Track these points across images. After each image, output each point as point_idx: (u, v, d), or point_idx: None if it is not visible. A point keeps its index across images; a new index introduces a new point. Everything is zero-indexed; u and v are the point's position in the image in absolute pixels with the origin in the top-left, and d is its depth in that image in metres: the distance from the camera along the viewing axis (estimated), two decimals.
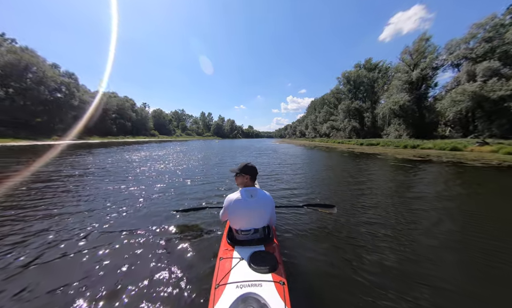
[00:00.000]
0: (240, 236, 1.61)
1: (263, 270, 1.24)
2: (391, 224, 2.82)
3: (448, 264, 1.97)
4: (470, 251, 2.21)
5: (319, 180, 5.84)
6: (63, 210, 3.29)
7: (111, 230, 2.63)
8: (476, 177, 6.36)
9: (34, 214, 3.10)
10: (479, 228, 2.73)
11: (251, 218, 1.57)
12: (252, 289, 1.12)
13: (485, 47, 19.32)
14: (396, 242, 2.32)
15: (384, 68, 39.15)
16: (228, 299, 1.08)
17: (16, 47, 32.26)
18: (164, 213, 3.16)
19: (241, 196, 1.57)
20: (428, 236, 2.49)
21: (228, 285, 1.17)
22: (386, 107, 28.53)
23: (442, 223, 2.88)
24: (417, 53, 25.91)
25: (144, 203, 3.70)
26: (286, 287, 1.15)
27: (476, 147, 15.04)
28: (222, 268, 1.33)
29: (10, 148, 15.55)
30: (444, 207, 3.56)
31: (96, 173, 6.37)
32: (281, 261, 1.42)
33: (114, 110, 50.96)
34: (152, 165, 8.26)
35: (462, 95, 18.92)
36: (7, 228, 2.65)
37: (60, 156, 10.61)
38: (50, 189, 4.46)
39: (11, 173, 6.07)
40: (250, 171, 1.65)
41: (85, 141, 30.34)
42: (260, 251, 1.42)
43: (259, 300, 1.06)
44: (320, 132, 56.84)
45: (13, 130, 25.22)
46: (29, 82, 30.44)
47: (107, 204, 3.57)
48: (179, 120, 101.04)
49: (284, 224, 2.74)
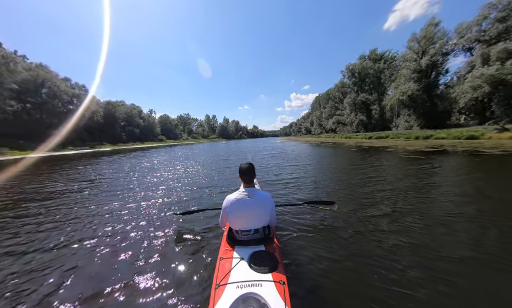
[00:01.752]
0: (240, 236, 1.61)
1: (263, 270, 1.24)
2: (396, 221, 2.67)
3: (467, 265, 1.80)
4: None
5: (324, 178, 5.71)
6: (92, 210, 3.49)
7: (112, 232, 2.75)
8: (496, 166, 6.02)
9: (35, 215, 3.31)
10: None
11: (250, 218, 1.56)
12: (252, 289, 1.12)
13: (499, 28, 18.20)
14: (401, 241, 2.21)
15: (390, 58, 37.85)
16: (228, 299, 1.08)
17: (31, 64, 34.20)
18: (165, 216, 3.24)
19: (239, 197, 1.55)
20: (438, 238, 2.25)
21: (228, 285, 1.17)
22: (394, 98, 27.57)
23: (460, 222, 2.59)
24: (425, 39, 24.86)
25: (147, 205, 3.83)
26: (286, 287, 1.14)
27: (494, 134, 14.23)
28: (222, 268, 1.33)
29: (33, 160, 16.47)
30: (460, 201, 3.27)
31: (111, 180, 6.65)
32: (282, 261, 1.41)
33: (123, 118, 52.71)
34: (167, 169, 8.50)
35: (480, 79, 17.91)
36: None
37: (83, 164, 11.15)
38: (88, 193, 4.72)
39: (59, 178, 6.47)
40: (245, 172, 1.62)
41: (98, 149, 31.59)
42: (260, 251, 1.41)
43: (259, 300, 1.06)
44: (326, 128, 55.88)
45: (30, 143, 26.74)
46: (44, 96, 32.17)
47: (114, 208, 3.73)
48: (185, 124, 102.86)
49: (285, 223, 2.73)
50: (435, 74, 25.32)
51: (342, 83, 46.70)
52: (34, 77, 30.49)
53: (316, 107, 73.26)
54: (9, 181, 6.99)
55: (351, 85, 42.73)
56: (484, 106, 20.29)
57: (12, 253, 2.34)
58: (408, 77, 26.04)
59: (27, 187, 5.89)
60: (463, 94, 19.94)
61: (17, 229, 2.98)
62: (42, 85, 32.03)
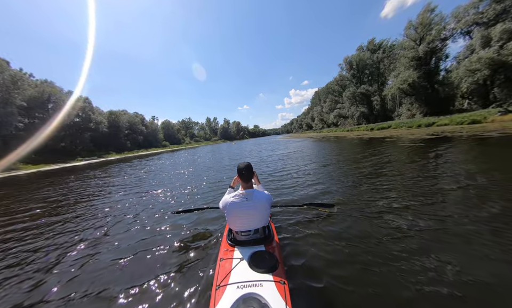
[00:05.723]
0: (240, 237, 1.60)
1: (264, 271, 1.24)
2: (396, 218, 2.57)
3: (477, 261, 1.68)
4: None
5: (319, 175, 5.46)
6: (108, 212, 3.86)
7: (112, 233, 2.91)
8: (495, 149, 6.07)
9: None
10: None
11: (249, 220, 1.55)
12: (252, 289, 1.12)
13: (496, 9, 17.92)
14: (403, 240, 2.11)
15: (389, 47, 37.44)
16: (229, 300, 1.08)
17: (37, 81, 35.39)
18: (164, 215, 3.27)
19: (236, 200, 1.53)
20: (436, 236, 2.11)
21: (229, 286, 1.16)
22: (394, 88, 27.37)
23: (458, 212, 2.53)
24: (421, 26, 24.55)
25: (150, 204, 4.04)
26: (286, 286, 1.14)
27: (497, 117, 14.15)
28: (222, 269, 1.33)
29: (45, 173, 17.21)
30: (459, 187, 3.20)
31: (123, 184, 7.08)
32: (282, 260, 1.41)
33: (126, 126, 53.79)
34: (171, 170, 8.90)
35: (478, 63, 17.73)
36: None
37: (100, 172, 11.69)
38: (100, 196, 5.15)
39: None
40: (244, 172, 1.60)
41: (105, 159, 32.50)
42: (260, 251, 1.41)
43: (260, 300, 1.06)
44: (327, 122, 55.64)
45: (42, 156, 27.79)
46: (51, 111, 33.29)
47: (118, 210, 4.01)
48: (187, 128, 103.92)
49: (285, 223, 2.70)
50: (435, 60, 25.02)
51: (340, 76, 46.36)
52: (40, 92, 31.64)
53: (316, 102, 72.95)
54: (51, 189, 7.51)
55: (350, 78, 42.44)
56: (487, 89, 20.01)
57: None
58: (407, 65, 25.81)
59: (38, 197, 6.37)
60: (461, 79, 19.73)
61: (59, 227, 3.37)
62: (48, 100, 33.16)
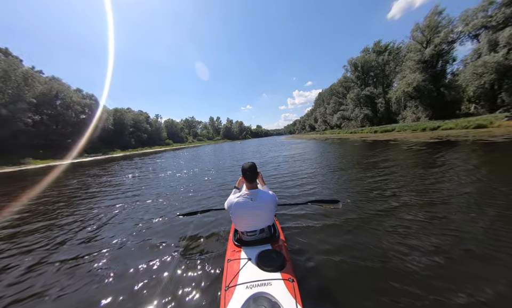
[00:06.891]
0: (246, 237, 1.60)
1: (272, 269, 1.24)
2: (401, 215, 2.61)
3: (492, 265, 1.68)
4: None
5: (324, 176, 5.58)
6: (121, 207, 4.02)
7: (119, 235, 2.89)
8: (502, 154, 6.05)
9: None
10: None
11: (254, 220, 1.56)
12: (262, 288, 1.12)
13: (506, 13, 17.67)
14: (410, 236, 2.14)
15: (395, 49, 37.13)
16: (239, 301, 1.08)
17: (46, 78, 36.23)
18: (169, 218, 3.27)
19: (241, 200, 1.54)
20: (442, 233, 2.14)
21: (238, 286, 1.17)
22: (400, 90, 27.14)
23: (464, 214, 2.53)
24: (429, 28, 24.32)
25: (152, 206, 4.06)
26: (295, 284, 1.15)
27: (504, 122, 13.95)
28: (230, 269, 1.33)
29: (55, 167, 17.66)
30: (464, 192, 3.21)
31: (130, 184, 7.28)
32: (289, 258, 1.42)
33: (131, 124, 54.54)
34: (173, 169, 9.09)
35: (484, 67, 17.53)
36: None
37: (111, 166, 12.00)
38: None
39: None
40: (248, 172, 1.60)
41: (110, 156, 33.08)
42: (267, 250, 1.42)
43: (270, 299, 1.06)
44: (330, 124, 55.39)
45: (50, 152, 28.46)
46: (58, 108, 34.06)
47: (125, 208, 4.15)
48: (190, 127, 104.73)
49: (290, 221, 2.70)
50: (442, 63, 24.74)
51: (345, 78, 46.15)
52: (48, 89, 32.38)
53: (319, 104, 72.63)
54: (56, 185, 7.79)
55: (354, 79, 42.22)
56: (494, 93, 19.72)
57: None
58: (413, 68, 25.59)
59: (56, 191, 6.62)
60: (468, 82, 19.52)
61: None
62: (56, 97, 33.92)
